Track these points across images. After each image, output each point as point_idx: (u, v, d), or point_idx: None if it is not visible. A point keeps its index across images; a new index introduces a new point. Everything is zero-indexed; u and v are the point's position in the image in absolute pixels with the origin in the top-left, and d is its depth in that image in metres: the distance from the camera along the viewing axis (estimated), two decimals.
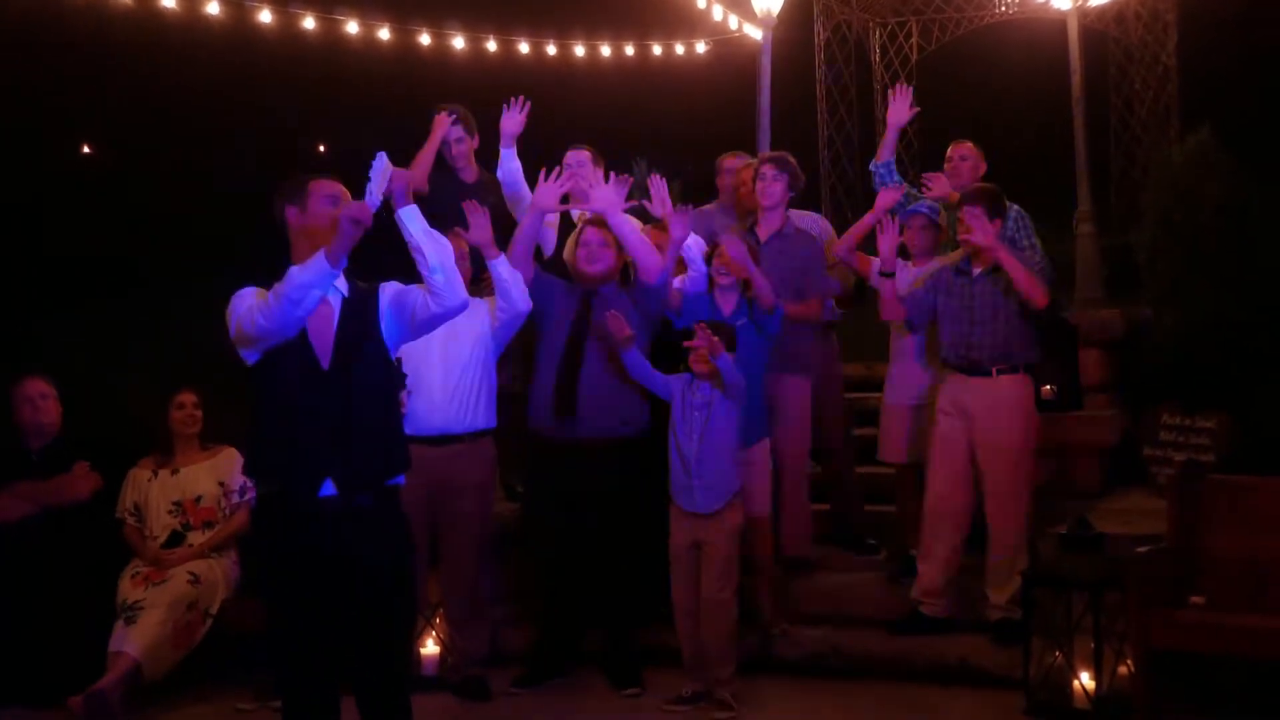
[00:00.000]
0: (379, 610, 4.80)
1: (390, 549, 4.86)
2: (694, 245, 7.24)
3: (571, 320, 6.97)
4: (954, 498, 6.97)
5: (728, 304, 6.99)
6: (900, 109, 7.64)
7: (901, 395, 7.48)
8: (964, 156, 8.01)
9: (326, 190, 4.83)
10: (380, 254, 5.02)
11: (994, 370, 6.89)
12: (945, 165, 8.04)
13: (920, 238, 7.49)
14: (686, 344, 6.57)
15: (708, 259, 7.07)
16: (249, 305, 4.72)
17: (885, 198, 7.43)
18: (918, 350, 7.39)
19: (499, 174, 7.49)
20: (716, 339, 6.41)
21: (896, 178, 7.66)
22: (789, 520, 7.37)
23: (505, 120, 7.42)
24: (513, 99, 7.41)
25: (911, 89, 7.75)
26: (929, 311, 7.10)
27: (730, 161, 8.15)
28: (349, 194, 4.83)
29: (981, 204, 6.90)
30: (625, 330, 6.62)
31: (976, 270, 6.96)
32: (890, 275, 7.05)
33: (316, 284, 4.66)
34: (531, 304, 6.84)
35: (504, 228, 7.31)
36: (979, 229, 6.75)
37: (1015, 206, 7.66)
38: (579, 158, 7.72)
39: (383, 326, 4.88)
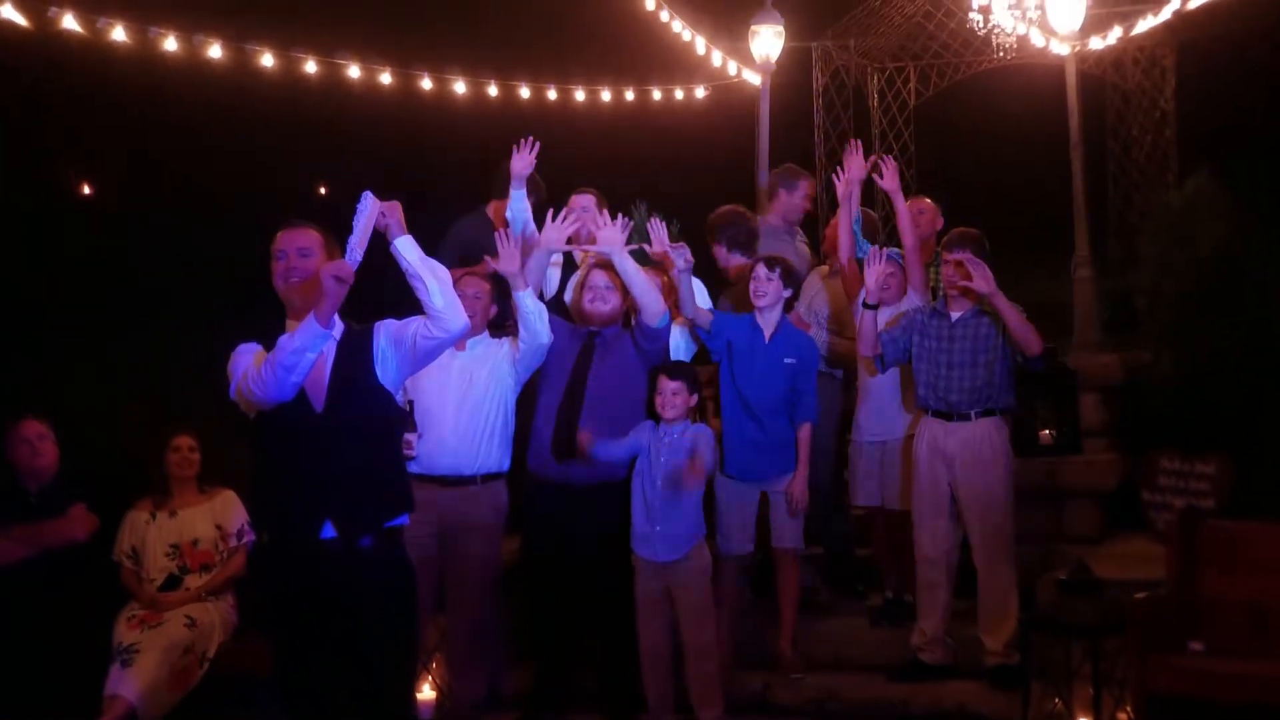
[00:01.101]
0: (380, 652, 4.79)
1: (392, 590, 4.85)
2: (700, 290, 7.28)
3: (573, 362, 6.97)
4: (943, 545, 6.95)
5: (768, 326, 7.04)
6: (855, 166, 7.58)
7: (872, 435, 7.42)
8: (921, 211, 8.04)
9: (298, 243, 4.80)
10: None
11: (973, 414, 6.89)
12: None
13: (886, 284, 7.46)
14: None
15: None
16: (245, 370, 4.71)
17: (853, 169, 7.46)
18: (892, 390, 7.37)
19: (507, 213, 7.51)
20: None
21: (864, 245, 7.61)
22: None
23: (515, 161, 7.43)
24: (522, 140, 7.43)
25: (860, 145, 7.68)
26: (904, 351, 7.09)
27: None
28: (324, 239, 4.83)
29: (969, 248, 6.92)
30: (588, 443, 6.66)
31: (955, 314, 6.97)
32: (874, 308, 7.06)
33: (309, 348, 4.66)
34: (553, 336, 6.86)
35: None
36: (979, 275, 6.76)
37: None
38: (585, 201, 7.76)
39: (379, 366, 4.87)
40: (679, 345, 7.33)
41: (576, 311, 7.14)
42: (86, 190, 15.65)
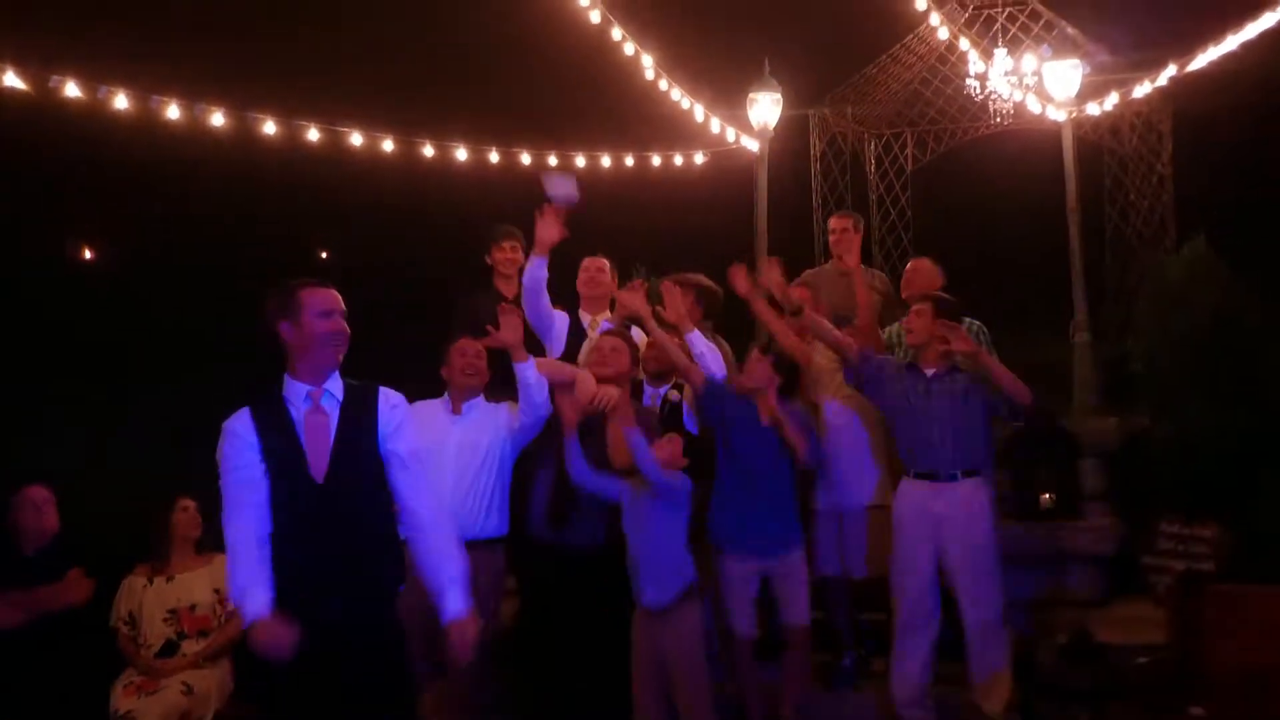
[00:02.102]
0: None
1: (389, 659, 4.83)
2: (708, 353, 7.31)
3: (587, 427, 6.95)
4: (925, 605, 6.91)
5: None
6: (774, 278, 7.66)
7: (830, 503, 7.44)
8: (915, 270, 8.21)
9: (320, 305, 4.81)
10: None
11: (959, 473, 6.89)
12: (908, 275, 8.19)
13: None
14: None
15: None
16: (226, 484, 4.75)
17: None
18: (850, 458, 7.40)
19: (524, 278, 7.52)
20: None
21: None
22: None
23: (543, 229, 7.39)
24: (547, 206, 7.43)
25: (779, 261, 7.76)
26: (878, 382, 7.08)
27: (833, 222, 8.41)
28: (341, 302, 4.86)
29: (931, 301, 7.00)
30: (573, 419, 6.65)
31: (929, 372, 6.98)
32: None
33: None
34: (553, 409, 6.87)
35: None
36: (958, 338, 6.79)
37: (974, 321, 7.76)
38: (599, 264, 7.86)
39: (383, 430, 4.88)
40: None
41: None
42: (87, 255, 15.70)
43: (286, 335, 4.83)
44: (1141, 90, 10.16)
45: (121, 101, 8.13)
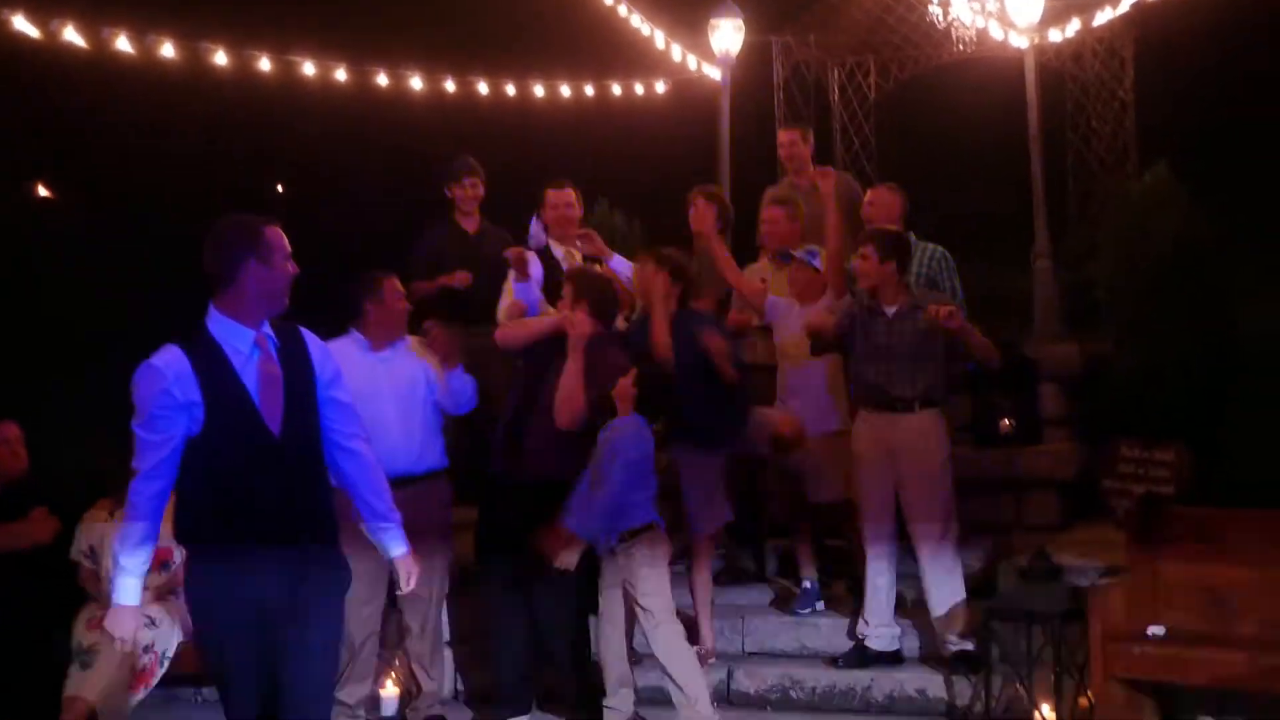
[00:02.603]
0: (310, 658, 4.64)
1: (334, 598, 4.74)
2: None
3: (535, 371, 6.98)
4: (886, 531, 7.00)
5: None
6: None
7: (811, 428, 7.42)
8: (870, 202, 8.19)
9: (286, 247, 4.62)
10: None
11: (916, 405, 6.92)
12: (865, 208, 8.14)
13: (807, 286, 7.52)
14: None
15: None
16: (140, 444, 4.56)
17: None
18: (819, 385, 7.43)
19: (516, 295, 7.46)
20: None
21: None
22: None
23: (519, 263, 7.39)
24: (518, 252, 7.42)
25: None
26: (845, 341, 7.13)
27: (781, 135, 8.93)
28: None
29: (873, 243, 6.99)
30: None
31: (890, 309, 6.99)
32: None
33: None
34: (476, 404, 7.02)
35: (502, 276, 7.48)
36: (947, 316, 6.77)
37: (938, 248, 7.72)
38: (565, 198, 7.82)
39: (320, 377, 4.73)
40: None
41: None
42: (44, 193, 15.49)
43: (249, 275, 4.52)
44: (1104, 16, 10.09)
45: (71, 34, 8.02)
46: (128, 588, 4.67)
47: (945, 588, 6.90)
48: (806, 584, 7.51)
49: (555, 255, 7.85)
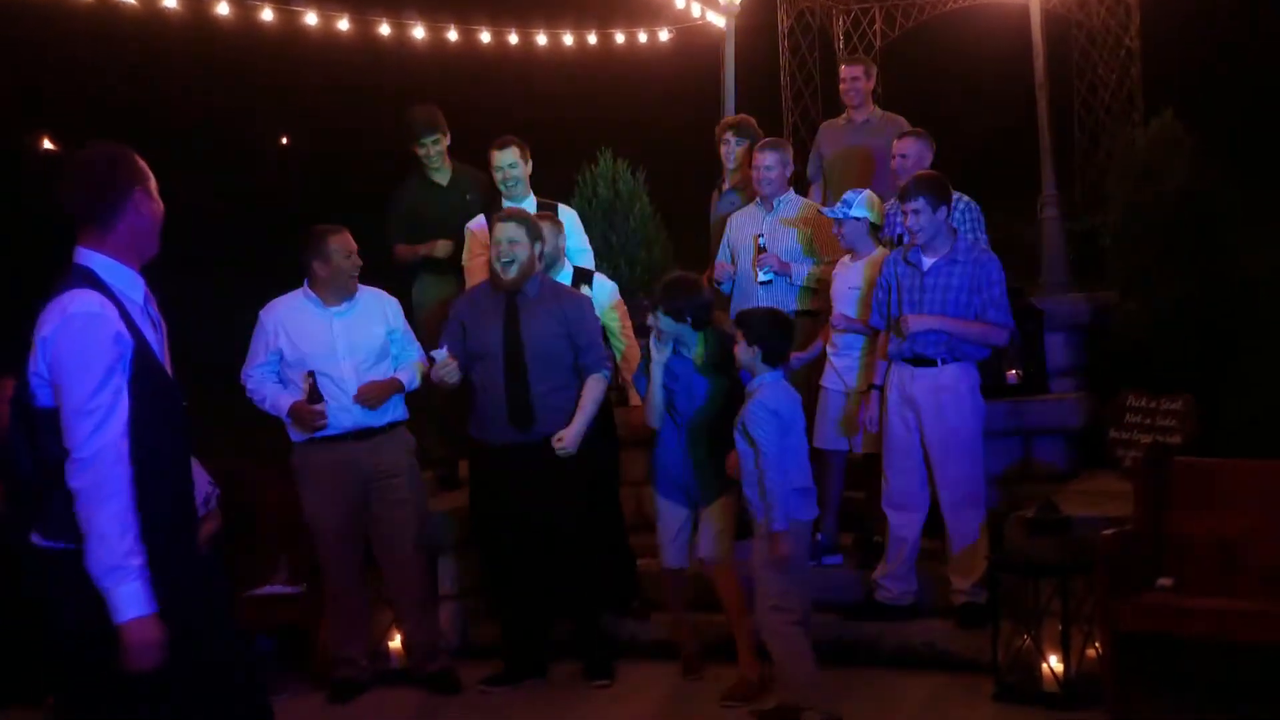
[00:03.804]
0: None
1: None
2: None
3: (502, 326, 6.87)
4: (910, 487, 6.95)
5: None
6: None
7: (838, 384, 7.39)
8: (904, 154, 7.86)
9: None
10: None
11: (940, 360, 6.88)
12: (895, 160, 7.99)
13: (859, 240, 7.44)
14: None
15: None
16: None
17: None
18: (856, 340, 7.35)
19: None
20: None
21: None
22: None
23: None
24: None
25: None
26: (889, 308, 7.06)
27: (843, 70, 9.03)
28: None
29: (925, 193, 6.87)
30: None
31: (927, 261, 6.93)
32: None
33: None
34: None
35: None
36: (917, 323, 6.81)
37: (965, 198, 7.60)
38: (508, 159, 7.73)
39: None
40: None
41: (491, 274, 6.96)
42: (48, 144, 15.46)
43: (136, 209, 3.96)
44: None
45: None
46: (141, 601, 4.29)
47: (966, 545, 6.87)
48: (819, 536, 7.49)
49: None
